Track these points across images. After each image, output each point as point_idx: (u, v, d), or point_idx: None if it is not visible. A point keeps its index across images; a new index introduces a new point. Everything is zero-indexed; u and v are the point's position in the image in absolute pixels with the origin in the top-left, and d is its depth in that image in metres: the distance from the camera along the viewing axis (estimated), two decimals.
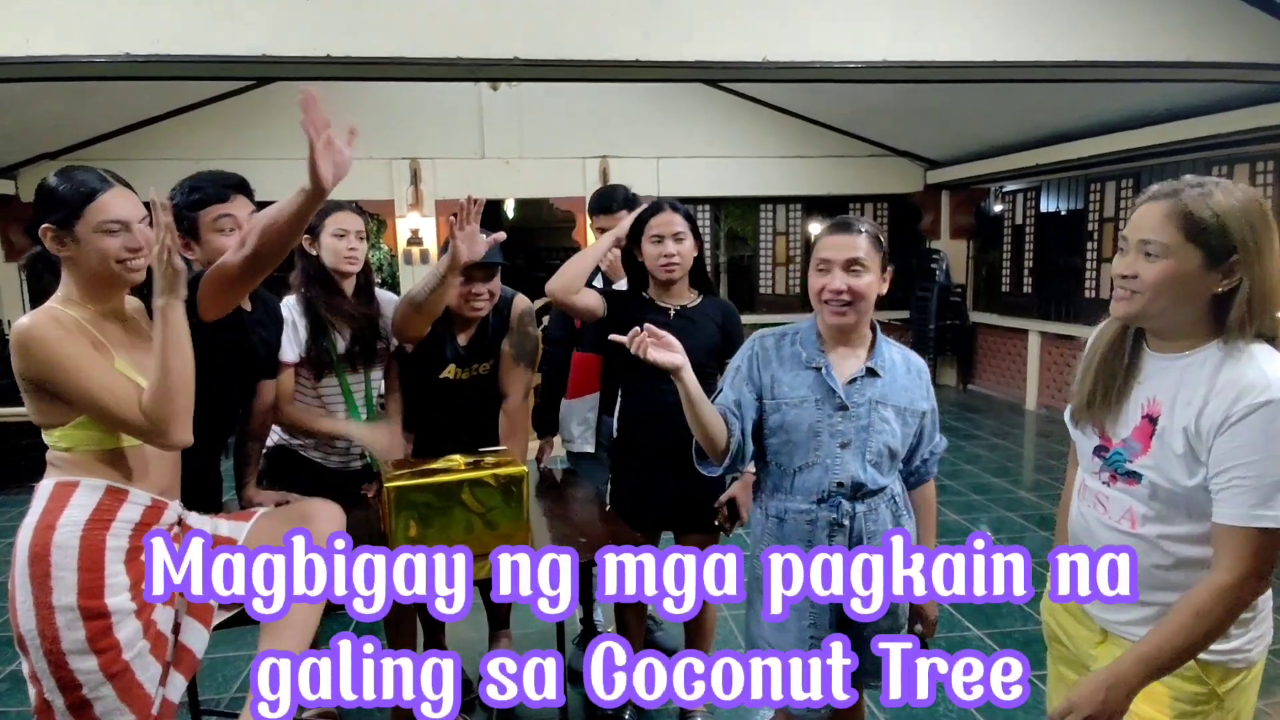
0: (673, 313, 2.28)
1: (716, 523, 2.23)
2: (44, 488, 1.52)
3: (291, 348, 2.26)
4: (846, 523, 1.69)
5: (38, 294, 1.58)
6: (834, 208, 8.56)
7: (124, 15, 3.48)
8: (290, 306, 2.28)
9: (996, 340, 8.20)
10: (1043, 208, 7.74)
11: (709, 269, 2.88)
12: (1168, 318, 1.27)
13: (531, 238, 12.47)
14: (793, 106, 7.85)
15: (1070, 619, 1.50)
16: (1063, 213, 7.50)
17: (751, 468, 2.17)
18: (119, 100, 6.25)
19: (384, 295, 2.51)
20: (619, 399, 2.45)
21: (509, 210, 9.60)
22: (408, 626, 2.45)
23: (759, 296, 8.76)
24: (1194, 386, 1.24)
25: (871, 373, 1.70)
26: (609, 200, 2.78)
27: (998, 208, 8.42)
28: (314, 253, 2.31)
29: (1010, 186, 8.14)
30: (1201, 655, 1.25)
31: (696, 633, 2.52)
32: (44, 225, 1.51)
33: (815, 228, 8.55)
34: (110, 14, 3.47)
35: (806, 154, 8.15)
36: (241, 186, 1.97)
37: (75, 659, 1.45)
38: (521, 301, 2.54)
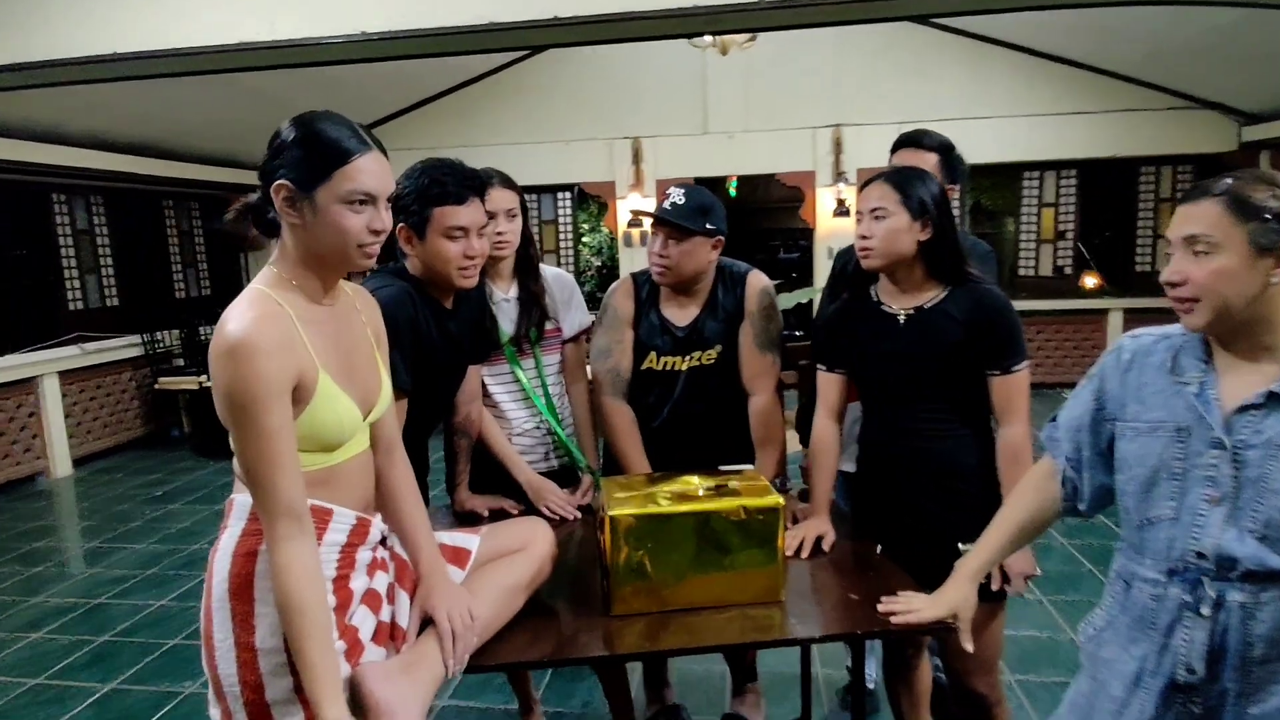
0: (903, 317, 1.85)
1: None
2: (240, 503, 1.29)
3: None
4: (1207, 613, 1.19)
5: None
6: (1119, 173, 7.33)
7: None
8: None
9: None
10: None
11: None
12: None
13: (751, 220, 12.01)
14: (1067, 53, 6.73)
15: None
16: None
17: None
18: (364, 94, 6.60)
19: (551, 271, 2.28)
20: (857, 422, 2.02)
21: (730, 189, 9.26)
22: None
23: (1018, 280, 7.66)
24: None
25: (1277, 399, 1.17)
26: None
27: None
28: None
29: None
30: None
31: None
32: (279, 181, 1.26)
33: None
34: None
35: (1083, 109, 6.99)
36: (481, 189, 1.83)
37: (280, 710, 1.24)
38: (758, 279, 2.13)
